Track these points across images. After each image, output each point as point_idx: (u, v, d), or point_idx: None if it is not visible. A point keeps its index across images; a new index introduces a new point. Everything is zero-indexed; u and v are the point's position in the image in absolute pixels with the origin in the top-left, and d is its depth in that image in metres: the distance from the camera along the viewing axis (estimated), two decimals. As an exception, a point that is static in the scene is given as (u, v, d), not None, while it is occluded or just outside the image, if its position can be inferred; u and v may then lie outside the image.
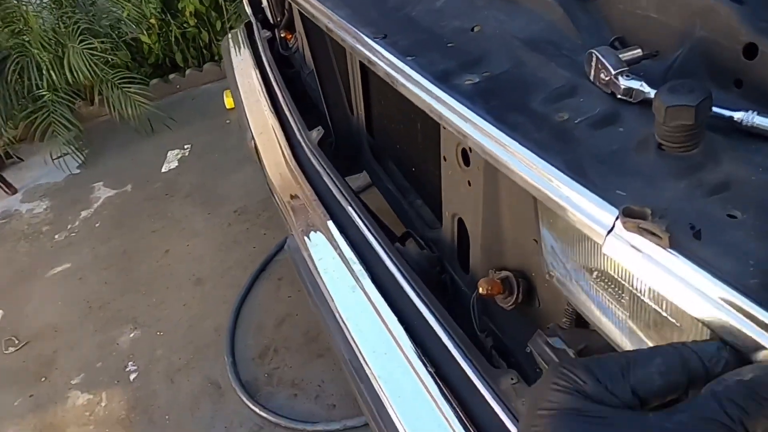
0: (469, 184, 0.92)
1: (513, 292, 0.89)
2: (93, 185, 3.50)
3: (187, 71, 4.35)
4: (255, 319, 2.34)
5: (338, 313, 1.06)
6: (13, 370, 2.38)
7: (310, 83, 1.92)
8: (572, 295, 0.69)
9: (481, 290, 0.90)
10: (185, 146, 3.66)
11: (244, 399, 2.01)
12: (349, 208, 1.25)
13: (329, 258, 1.16)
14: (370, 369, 0.94)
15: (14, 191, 3.60)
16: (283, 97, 1.64)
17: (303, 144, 1.45)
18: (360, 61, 1.29)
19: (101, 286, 2.71)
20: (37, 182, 3.68)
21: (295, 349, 2.18)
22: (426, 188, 1.26)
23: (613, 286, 0.60)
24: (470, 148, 0.86)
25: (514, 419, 0.77)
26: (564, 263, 0.69)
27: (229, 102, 3.91)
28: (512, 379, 0.81)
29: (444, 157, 0.99)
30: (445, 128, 0.83)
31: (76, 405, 2.17)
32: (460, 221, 1.02)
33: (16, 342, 2.51)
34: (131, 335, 2.41)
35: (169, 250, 2.82)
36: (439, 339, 0.92)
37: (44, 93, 3.65)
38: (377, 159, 1.46)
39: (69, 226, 3.19)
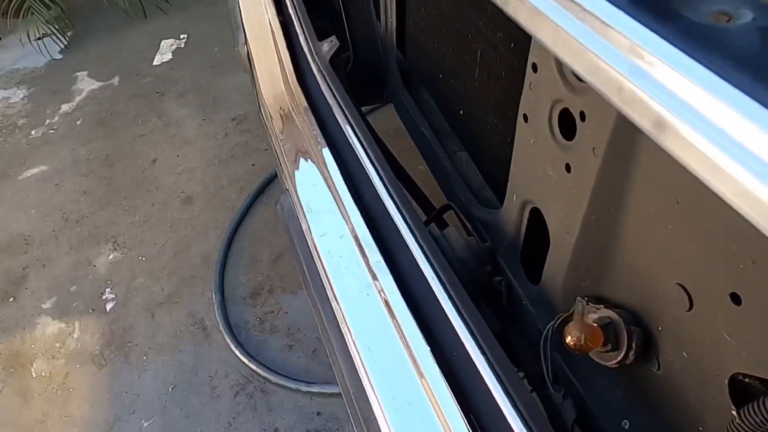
0: (568, 169, 0.56)
1: (620, 347, 0.57)
2: (76, 74, 3.09)
3: (186, -55, 3.76)
4: (248, 251, 2.05)
5: (345, 324, 0.74)
6: (-22, 286, 2.14)
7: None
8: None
9: (569, 340, 0.57)
10: (181, 36, 3.20)
11: (233, 347, 1.76)
12: (365, 159, 0.89)
13: (335, 236, 0.83)
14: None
15: (-11, 75, 3.20)
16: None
17: (310, 59, 1.06)
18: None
19: (79, 195, 2.40)
20: (13, 66, 3.26)
21: (292, 290, 1.90)
22: (479, 143, 0.90)
23: None
24: (582, 114, 0.50)
25: None
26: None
27: (232, -14, 3.39)
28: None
29: (525, 116, 0.62)
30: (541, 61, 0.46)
31: (45, 334, 1.94)
32: (535, 212, 0.67)
33: (-16, 253, 2.25)
34: (110, 257, 2.14)
35: (156, 160, 2.48)
36: (485, 387, 0.61)
37: (19, -38, 3.14)
38: (409, 88, 1.07)
39: (47, 122, 2.83)
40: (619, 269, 0.56)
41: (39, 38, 3.22)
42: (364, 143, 0.91)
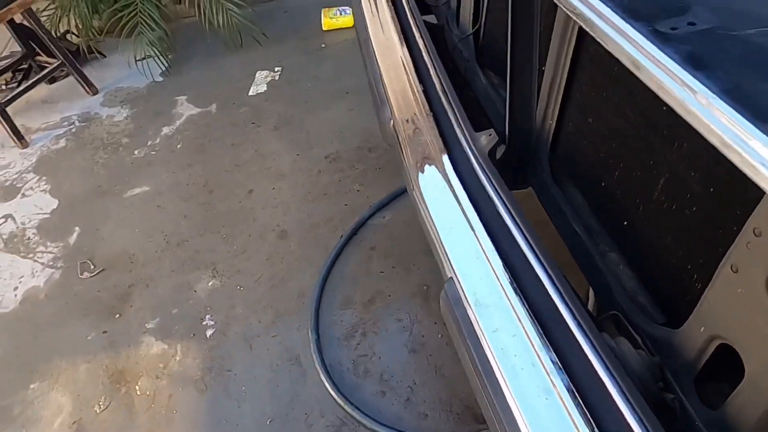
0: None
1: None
2: (176, 98, 3.28)
3: (283, -22, 3.95)
4: (342, 291, 2.14)
5: (523, 424, 0.80)
6: (87, 299, 2.28)
7: (461, 48, 1.56)
8: None
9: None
10: (276, 68, 3.35)
11: (329, 387, 1.84)
12: (530, 254, 0.96)
13: (507, 333, 0.89)
14: None
15: (95, 91, 3.42)
16: (437, 74, 1.30)
17: (467, 149, 1.14)
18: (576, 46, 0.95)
19: (180, 219, 2.55)
20: (118, 85, 3.48)
21: (386, 336, 1.98)
22: (648, 256, 0.95)
23: None
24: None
25: None
26: None
27: (326, 23, 3.55)
28: None
29: (733, 267, 0.68)
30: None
31: (150, 353, 2.06)
32: (726, 349, 0.73)
33: (92, 267, 2.40)
34: (209, 284, 2.26)
35: (252, 191, 2.61)
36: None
37: (133, -13, 3.36)
38: (556, 180, 1.14)
39: (149, 143, 3.01)
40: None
41: (142, 59, 3.43)
42: (528, 237, 0.98)
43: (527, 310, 0.91)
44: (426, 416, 1.76)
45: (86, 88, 3.39)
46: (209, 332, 2.09)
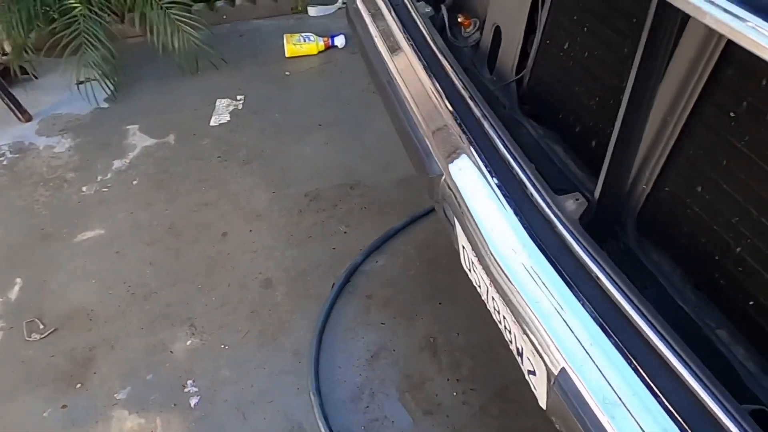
0: None
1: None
2: (126, 127, 2.97)
3: (237, 0, 3.73)
4: (342, 348, 1.96)
5: None
6: (39, 366, 1.96)
7: (497, 95, 1.47)
8: None
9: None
10: (238, 97, 3.13)
11: (342, 461, 1.66)
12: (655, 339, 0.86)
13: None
14: None
15: (28, 118, 3.03)
16: (495, 130, 1.20)
17: (552, 216, 1.03)
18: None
19: (144, 266, 2.27)
20: (55, 111, 3.11)
21: (396, 396, 1.82)
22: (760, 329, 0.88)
23: None
24: None
25: None
26: None
27: (290, 50, 3.38)
28: None
29: None
30: None
31: (123, 430, 1.78)
32: None
33: (41, 327, 2.07)
34: (188, 342, 2.00)
35: (227, 233, 2.38)
36: None
37: (75, 4, 3.03)
38: (642, 248, 1.06)
39: (99, 178, 2.69)
40: None
41: (83, 82, 3.08)
42: (649, 317, 0.87)
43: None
44: (452, 488, 1.62)
45: (18, 114, 3.00)
46: (193, 401, 1.84)
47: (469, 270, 1.30)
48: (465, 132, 1.24)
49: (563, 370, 0.90)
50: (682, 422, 0.80)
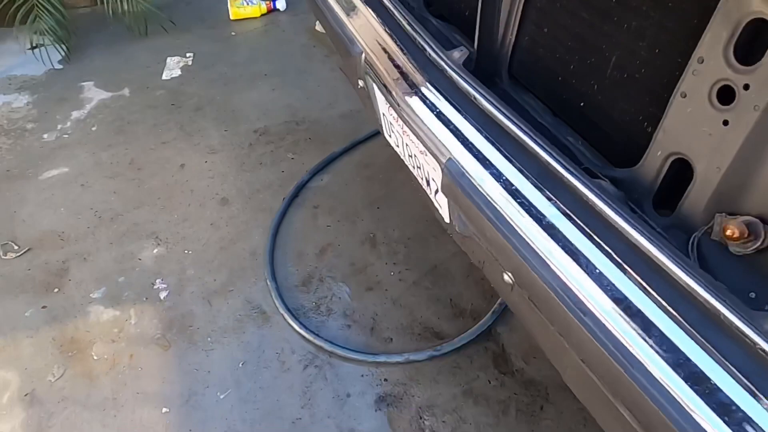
0: (726, 123, 0.88)
1: (758, 237, 0.89)
2: (81, 84, 3.16)
3: (182, -30, 3.94)
4: (293, 246, 2.24)
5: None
6: (17, 278, 2.16)
7: None
8: None
9: (729, 232, 0.89)
10: (187, 54, 3.36)
11: (296, 327, 1.94)
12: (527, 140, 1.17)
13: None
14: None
15: (-17, 80, 3.17)
16: (407, 20, 1.50)
17: (444, 64, 1.34)
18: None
19: (109, 195, 2.48)
20: (10, 73, 3.26)
21: (341, 279, 2.11)
22: (601, 127, 1.21)
23: None
24: (746, 85, 0.82)
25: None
26: None
27: (234, 12, 3.62)
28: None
29: (683, 94, 0.95)
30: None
31: (100, 321, 2.01)
32: (679, 162, 0.99)
33: (16, 247, 2.27)
34: (154, 251, 2.24)
35: (185, 165, 2.62)
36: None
37: (25, -30, 3.19)
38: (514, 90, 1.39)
39: (59, 126, 2.87)
40: (756, 189, 0.88)
41: (35, 47, 3.24)
42: (516, 121, 1.19)
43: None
44: (391, 340, 1.92)
45: (-27, 76, 3.14)
46: (163, 294, 2.08)
47: (389, 135, 1.60)
48: (378, 20, 1.54)
49: (449, 159, 1.21)
50: (537, 181, 1.11)
